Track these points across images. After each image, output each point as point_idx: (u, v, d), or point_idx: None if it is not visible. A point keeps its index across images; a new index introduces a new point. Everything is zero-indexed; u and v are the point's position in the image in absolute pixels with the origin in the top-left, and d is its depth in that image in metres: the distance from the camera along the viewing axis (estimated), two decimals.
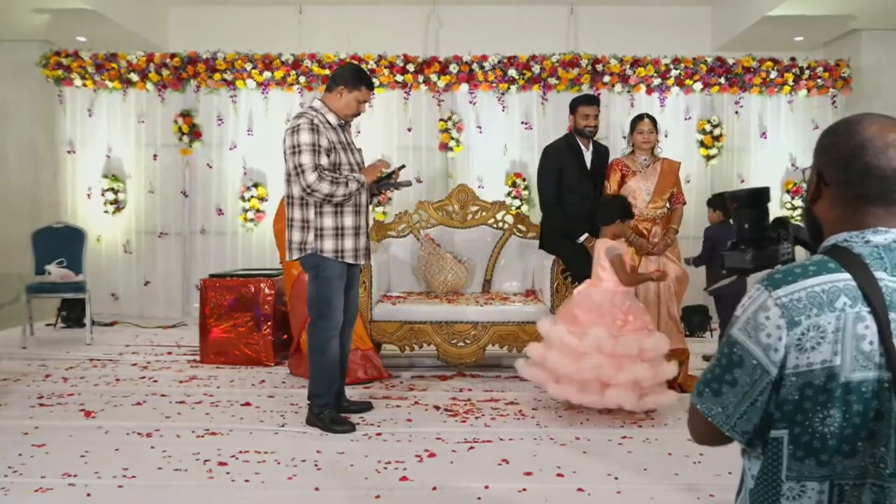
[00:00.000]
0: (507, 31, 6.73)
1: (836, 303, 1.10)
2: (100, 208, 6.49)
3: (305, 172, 3.17)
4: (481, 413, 3.61)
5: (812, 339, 1.10)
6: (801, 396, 1.12)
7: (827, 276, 1.13)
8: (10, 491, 2.60)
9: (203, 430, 3.31)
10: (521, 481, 2.71)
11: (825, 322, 1.10)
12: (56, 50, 6.37)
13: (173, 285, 6.56)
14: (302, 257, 3.32)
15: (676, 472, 2.81)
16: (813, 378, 1.11)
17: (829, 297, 1.11)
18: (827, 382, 1.10)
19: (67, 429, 3.31)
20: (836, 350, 1.09)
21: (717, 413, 1.20)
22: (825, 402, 1.10)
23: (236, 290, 4.77)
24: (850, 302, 1.10)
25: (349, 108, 3.36)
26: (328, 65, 6.22)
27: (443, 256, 4.85)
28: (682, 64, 6.27)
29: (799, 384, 1.12)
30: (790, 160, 6.47)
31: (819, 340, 1.10)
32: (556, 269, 4.31)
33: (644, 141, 4.16)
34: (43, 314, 6.20)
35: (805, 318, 1.11)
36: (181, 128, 6.39)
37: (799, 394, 1.12)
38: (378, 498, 2.56)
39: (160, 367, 4.63)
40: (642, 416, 3.55)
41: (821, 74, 6.27)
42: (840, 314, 1.10)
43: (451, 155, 6.42)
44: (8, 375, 4.33)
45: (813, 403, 1.11)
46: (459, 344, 4.36)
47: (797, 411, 1.12)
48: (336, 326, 3.37)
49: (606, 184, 4.20)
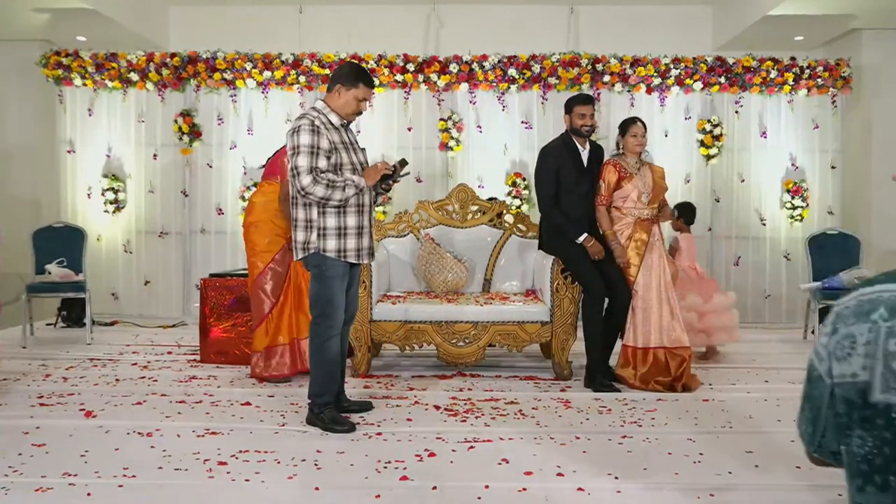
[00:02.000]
0: (507, 31, 6.74)
1: (873, 314, 1.02)
2: (100, 208, 6.50)
3: (301, 175, 3.18)
4: (481, 413, 3.61)
5: (844, 348, 1.03)
6: (843, 412, 1.04)
7: (888, 284, 1.04)
8: (10, 491, 2.60)
9: (203, 429, 3.31)
10: (521, 481, 2.71)
11: (857, 332, 1.02)
12: (56, 49, 6.37)
13: (173, 285, 6.56)
14: (305, 257, 3.33)
15: (676, 472, 2.81)
16: (847, 392, 1.03)
17: (870, 306, 1.03)
18: (858, 399, 1.01)
19: (67, 428, 3.31)
20: (865, 365, 1.01)
21: (805, 431, 1.11)
22: (857, 421, 1.02)
23: (236, 289, 4.77)
24: (887, 315, 1.01)
25: (349, 107, 3.36)
26: (328, 64, 6.22)
27: (443, 256, 4.85)
28: (682, 63, 6.27)
29: (841, 396, 1.04)
30: (790, 160, 6.46)
31: (849, 351, 1.02)
32: (555, 268, 4.31)
33: (637, 144, 4.20)
34: (43, 314, 6.20)
35: (843, 327, 1.04)
36: (181, 127, 6.39)
37: (843, 407, 1.04)
38: (378, 498, 2.56)
39: (160, 367, 4.63)
40: (642, 416, 3.56)
41: (821, 74, 6.27)
42: (872, 326, 1.01)
43: (451, 154, 6.42)
44: (8, 375, 4.33)
45: (848, 420, 1.03)
46: (459, 344, 4.36)
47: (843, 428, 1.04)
48: (337, 326, 3.38)
49: (601, 182, 4.20)
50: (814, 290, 5.48)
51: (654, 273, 4.17)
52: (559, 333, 4.32)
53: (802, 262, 6.16)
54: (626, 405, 3.78)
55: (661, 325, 4.13)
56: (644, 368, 4.11)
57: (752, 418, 3.56)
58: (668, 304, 4.17)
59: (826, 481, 2.72)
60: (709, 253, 6.50)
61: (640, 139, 4.19)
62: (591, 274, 4.13)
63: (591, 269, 4.14)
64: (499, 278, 5.03)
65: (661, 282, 4.17)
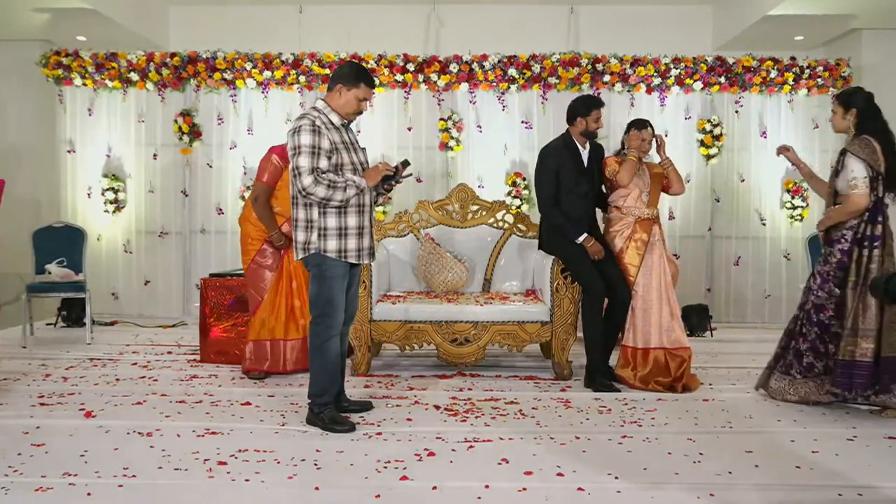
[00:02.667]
0: (507, 31, 6.74)
1: None
2: (100, 208, 6.49)
3: (302, 175, 3.18)
4: (481, 413, 3.61)
5: None
6: None
7: None
8: (10, 490, 2.60)
9: (203, 429, 3.31)
10: (521, 481, 2.71)
11: None
12: (56, 49, 6.37)
13: (173, 285, 6.56)
14: (305, 257, 3.33)
15: (676, 472, 2.81)
16: None
17: None
18: None
19: (67, 428, 3.31)
20: None
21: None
22: None
23: (236, 289, 4.77)
24: None
25: (350, 107, 3.35)
26: (328, 64, 6.22)
27: (443, 256, 4.85)
28: (682, 63, 6.26)
29: None
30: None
31: None
32: (555, 268, 4.31)
33: (643, 148, 4.23)
34: (43, 314, 6.21)
35: None
36: (181, 127, 6.39)
37: None
38: (378, 497, 2.56)
39: (160, 367, 4.63)
40: (642, 416, 3.56)
41: (821, 74, 6.27)
42: None
43: (451, 154, 6.42)
44: (8, 375, 4.33)
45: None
46: (459, 343, 4.36)
47: None
48: (337, 326, 3.38)
49: (606, 172, 4.27)
50: None
51: (655, 273, 4.17)
52: (559, 333, 4.32)
53: (802, 262, 6.15)
54: (626, 405, 3.78)
55: (662, 326, 4.13)
56: (644, 370, 4.11)
57: (752, 418, 3.56)
58: (668, 305, 4.17)
59: (826, 481, 2.73)
60: (709, 253, 6.50)
61: (646, 144, 4.23)
62: (591, 274, 4.13)
63: (591, 268, 4.14)
64: (499, 278, 5.03)
65: (662, 282, 4.17)
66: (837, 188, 3.67)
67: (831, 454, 3.04)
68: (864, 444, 3.18)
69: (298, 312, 4.36)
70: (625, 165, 4.18)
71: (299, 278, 4.35)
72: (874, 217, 3.56)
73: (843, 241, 3.62)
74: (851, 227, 3.60)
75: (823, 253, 3.75)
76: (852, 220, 3.59)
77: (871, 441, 3.22)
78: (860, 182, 3.53)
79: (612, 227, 4.29)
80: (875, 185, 3.55)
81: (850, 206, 3.56)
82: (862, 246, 3.56)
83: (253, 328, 4.35)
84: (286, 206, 4.26)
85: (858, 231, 3.58)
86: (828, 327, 3.65)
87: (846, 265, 3.60)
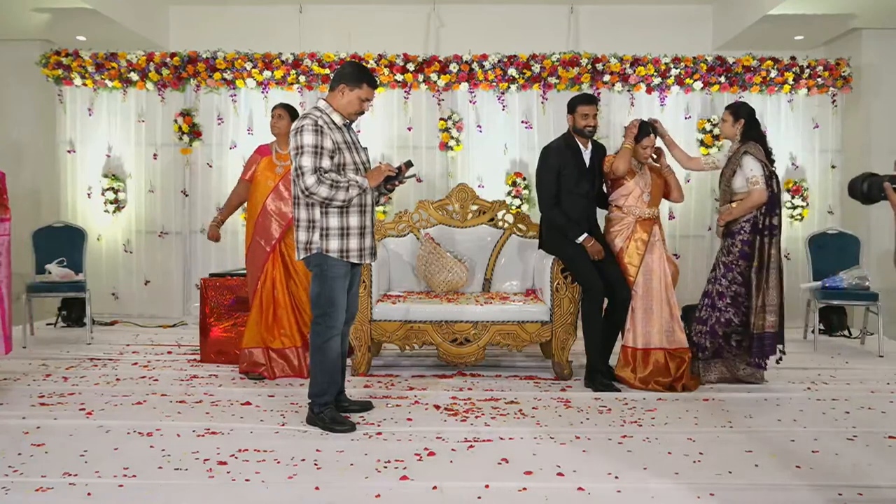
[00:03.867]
0: (507, 31, 6.73)
1: None
2: (100, 208, 6.49)
3: (305, 175, 3.18)
4: (481, 413, 3.61)
5: None
6: None
7: None
8: (10, 490, 2.60)
9: (203, 429, 3.31)
10: (521, 481, 2.71)
11: None
12: (56, 49, 6.37)
13: (173, 285, 6.56)
14: (307, 257, 3.33)
15: (676, 472, 2.81)
16: None
17: None
18: None
19: (68, 428, 3.31)
20: None
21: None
22: None
23: (236, 289, 4.77)
24: None
25: (352, 107, 3.36)
26: (328, 64, 6.22)
27: (443, 256, 4.85)
28: (682, 63, 6.26)
29: None
30: (790, 159, 6.46)
31: None
32: (555, 268, 4.30)
33: (645, 155, 4.25)
34: (43, 313, 6.21)
35: None
36: (181, 127, 6.39)
37: None
38: (378, 497, 2.56)
39: (160, 367, 4.63)
40: (642, 416, 3.56)
41: (821, 73, 6.26)
42: None
43: (452, 154, 6.42)
44: (8, 375, 4.33)
45: None
46: (459, 343, 4.36)
47: None
48: (338, 326, 3.38)
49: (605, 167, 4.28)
50: (814, 289, 5.48)
51: (655, 274, 4.18)
52: (559, 333, 4.32)
53: (802, 262, 6.15)
54: (626, 405, 3.78)
55: (662, 326, 4.14)
56: (644, 371, 4.11)
57: (752, 418, 3.56)
58: (668, 305, 4.17)
59: (826, 481, 2.73)
60: (709, 253, 6.49)
61: (650, 150, 4.23)
62: (591, 274, 4.13)
63: (591, 268, 4.14)
64: (499, 278, 5.03)
65: (662, 283, 4.17)
66: (734, 187, 4.15)
67: (831, 454, 3.04)
68: (864, 444, 3.18)
69: (284, 320, 4.36)
70: (620, 153, 4.19)
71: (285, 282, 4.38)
72: (772, 209, 4.05)
73: (743, 233, 4.09)
74: (749, 219, 4.08)
75: (725, 245, 4.19)
76: (750, 213, 4.06)
77: (871, 441, 3.22)
78: (760, 179, 4.04)
79: (613, 226, 4.29)
80: (770, 182, 4.05)
81: (754, 199, 4.04)
82: (763, 235, 4.05)
83: (244, 336, 4.41)
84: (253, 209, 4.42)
85: (758, 222, 4.06)
86: (731, 312, 4.11)
87: (748, 253, 4.08)
